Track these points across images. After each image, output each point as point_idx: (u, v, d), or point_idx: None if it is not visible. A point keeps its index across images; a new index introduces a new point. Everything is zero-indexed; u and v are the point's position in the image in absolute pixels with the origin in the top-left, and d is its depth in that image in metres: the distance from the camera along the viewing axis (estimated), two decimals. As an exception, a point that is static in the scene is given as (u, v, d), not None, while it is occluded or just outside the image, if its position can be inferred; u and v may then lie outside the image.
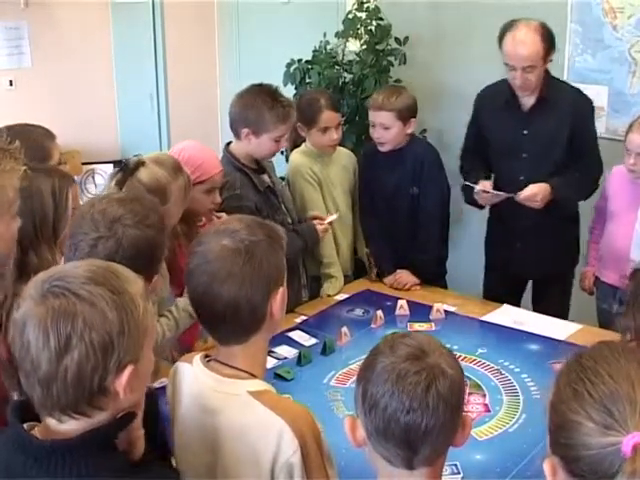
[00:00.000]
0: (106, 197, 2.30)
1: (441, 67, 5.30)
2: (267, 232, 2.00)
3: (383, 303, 3.83)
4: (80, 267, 1.60)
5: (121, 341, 1.52)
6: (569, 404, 1.37)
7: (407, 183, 4.07)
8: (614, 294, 3.91)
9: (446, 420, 1.56)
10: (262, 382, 2.01)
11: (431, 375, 1.56)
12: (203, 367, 2.03)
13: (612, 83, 4.62)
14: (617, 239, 3.90)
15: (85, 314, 1.49)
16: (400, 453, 1.59)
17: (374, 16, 5.16)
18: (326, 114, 4.00)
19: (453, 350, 3.25)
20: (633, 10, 4.46)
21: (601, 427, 1.31)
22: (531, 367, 3.20)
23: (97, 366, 1.50)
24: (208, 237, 1.99)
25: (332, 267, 4.08)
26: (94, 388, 1.51)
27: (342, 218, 4.13)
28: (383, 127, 3.98)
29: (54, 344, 1.48)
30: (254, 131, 3.68)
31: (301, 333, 3.53)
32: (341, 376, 3.17)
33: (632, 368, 1.37)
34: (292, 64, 5.28)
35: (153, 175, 2.99)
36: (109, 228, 2.16)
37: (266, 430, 1.88)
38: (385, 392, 1.57)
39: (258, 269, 1.93)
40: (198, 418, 1.99)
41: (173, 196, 3.02)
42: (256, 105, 3.67)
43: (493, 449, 2.70)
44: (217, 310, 1.93)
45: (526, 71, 3.74)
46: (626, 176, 3.84)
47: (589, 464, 1.32)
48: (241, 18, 6.51)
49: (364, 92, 5.05)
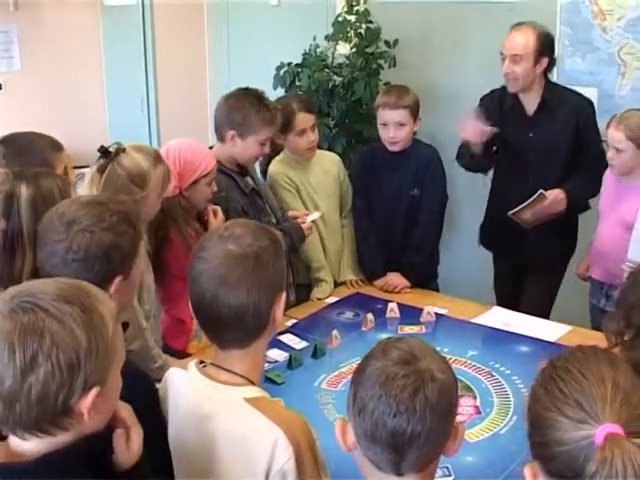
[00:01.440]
0: (74, 200, 2.28)
1: (430, 69, 5.30)
2: (270, 237, 2.01)
3: (373, 306, 3.82)
4: (51, 284, 1.58)
5: (88, 361, 1.50)
6: (542, 403, 1.39)
7: (409, 184, 4.08)
8: (601, 289, 3.96)
9: (434, 426, 1.55)
10: (258, 388, 2.01)
11: (420, 380, 1.55)
12: (198, 373, 2.02)
13: (601, 85, 4.63)
14: (602, 236, 3.95)
15: (53, 332, 1.47)
16: (387, 457, 1.58)
17: (364, 19, 5.16)
18: (300, 116, 3.99)
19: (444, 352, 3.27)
20: (622, 12, 4.47)
21: (574, 422, 1.33)
22: (522, 369, 3.20)
23: (62, 385, 1.47)
24: (212, 242, 1.98)
25: (321, 271, 4.08)
26: (58, 408, 1.49)
27: (328, 221, 4.14)
28: (399, 125, 3.99)
29: (20, 360, 1.45)
30: (240, 133, 3.69)
31: (292, 336, 3.52)
32: (332, 379, 3.16)
33: (602, 365, 1.40)
34: (282, 67, 5.28)
35: (134, 161, 3.02)
36: (65, 230, 2.15)
37: (261, 437, 1.87)
38: (373, 395, 1.56)
39: (265, 275, 1.93)
40: (193, 424, 1.98)
41: (152, 183, 3.05)
42: (243, 107, 3.69)
43: (484, 451, 2.70)
44: (223, 316, 1.93)
45: (513, 60, 3.90)
46: (611, 175, 3.91)
47: (565, 461, 1.33)
48: (231, 21, 6.51)
49: (354, 95, 5.06)
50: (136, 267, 2.28)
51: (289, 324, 3.63)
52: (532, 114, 4.05)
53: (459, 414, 2.85)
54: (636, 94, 4.49)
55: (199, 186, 3.43)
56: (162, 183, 3.11)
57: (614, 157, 3.76)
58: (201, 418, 1.96)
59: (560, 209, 3.92)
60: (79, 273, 2.06)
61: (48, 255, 2.18)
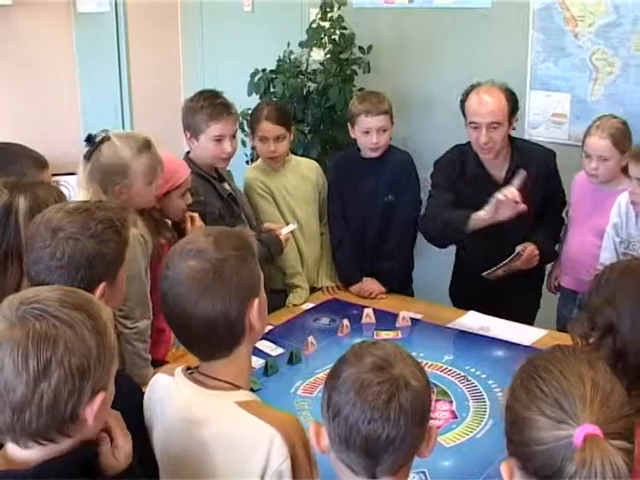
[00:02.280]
0: (61, 207, 2.29)
1: (405, 75, 5.31)
2: (236, 244, 1.99)
3: (349, 312, 3.83)
4: (53, 290, 1.58)
5: (97, 367, 1.51)
6: (522, 402, 1.41)
7: (383, 190, 4.09)
8: (574, 299, 3.95)
9: (408, 432, 1.56)
10: (247, 392, 2.01)
11: (394, 386, 1.56)
12: (186, 379, 2.02)
13: (574, 90, 4.65)
14: (575, 245, 3.95)
15: (66, 338, 1.47)
16: (362, 462, 1.59)
17: (338, 25, 5.16)
18: (263, 124, 3.99)
19: (419, 357, 3.29)
20: (593, 18, 4.49)
21: (553, 421, 1.35)
22: (497, 373, 3.21)
23: (73, 392, 1.48)
24: (175, 259, 1.97)
25: (296, 277, 4.08)
26: (67, 415, 1.49)
27: (305, 228, 4.14)
28: (381, 131, 3.99)
29: (33, 368, 1.45)
30: (192, 134, 3.73)
31: (267, 343, 3.50)
32: (308, 385, 3.16)
33: (582, 366, 1.42)
34: (256, 74, 5.27)
35: (113, 150, 3.05)
36: (50, 237, 2.16)
37: (256, 439, 1.87)
38: (348, 401, 1.57)
39: (228, 285, 1.92)
40: (183, 430, 1.97)
41: (134, 173, 3.06)
42: (191, 108, 3.72)
43: (461, 455, 2.71)
44: (194, 330, 1.92)
45: (491, 128, 3.72)
46: (587, 183, 3.88)
47: (542, 460, 1.35)
48: (205, 29, 6.49)
49: (328, 101, 5.05)
50: (121, 273, 2.29)
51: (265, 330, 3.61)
52: (502, 180, 3.84)
53: (435, 418, 2.90)
54: (608, 99, 4.51)
55: (171, 198, 3.41)
56: (150, 171, 3.11)
57: (598, 167, 3.72)
58: (191, 423, 1.95)
59: (534, 264, 3.81)
60: (63, 280, 2.10)
61: (33, 261, 2.19)
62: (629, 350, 1.91)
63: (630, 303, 1.97)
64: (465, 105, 3.81)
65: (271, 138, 4.00)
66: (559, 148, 4.11)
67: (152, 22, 6.58)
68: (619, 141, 3.67)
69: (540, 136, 4.60)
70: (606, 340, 1.97)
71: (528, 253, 3.75)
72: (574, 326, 2.11)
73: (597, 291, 2.06)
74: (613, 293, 2.01)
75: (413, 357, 1.68)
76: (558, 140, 4.63)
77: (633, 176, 3.43)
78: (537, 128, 4.55)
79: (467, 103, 3.80)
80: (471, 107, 3.77)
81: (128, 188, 3.06)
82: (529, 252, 3.76)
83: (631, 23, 4.37)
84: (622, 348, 1.93)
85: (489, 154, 3.82)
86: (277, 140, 4.01)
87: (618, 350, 1.93)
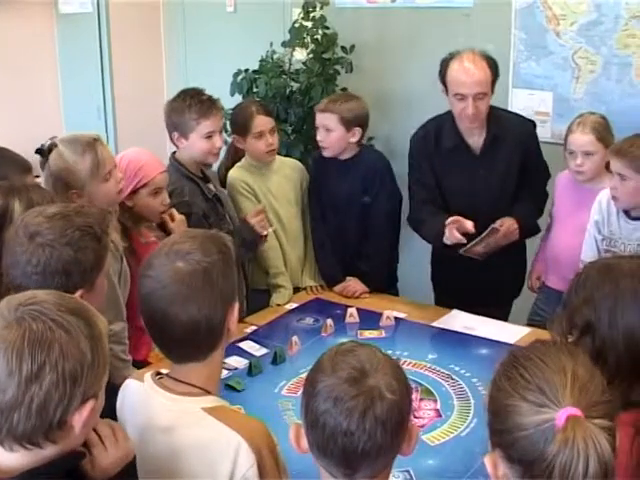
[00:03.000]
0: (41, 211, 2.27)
1: (387, 75, 5.31)
2: (219, 249, 1.99)
3: (333, 311, 3.82)
4: (50, 294, 1.58)
5: (89, 374, 1.50)
6: (504, 390, 1.43)
7: (359, 192, 4.06)
8: (559, 298, 3.94)
9: (385, 442, 1.56)
10: (216, 398, 2.00)
11: (369, 399, 1.55)
12: (154, 385, 2.01)
13: (556, 89, 4.67)
14: (559, 244, 3.95)
15: (62, 342, 1.47)
16: (341, 470, 1.60)
17: (320, 25, 5.17)
18: (258, 119, 3.99)
19: (403, 357, 3.29)
20: (575, 17, 4.51)
21: (535, 406, 1.37)
22: (482, 371, 3.20)
23: (63, 397, 1.47)
24: (160, 259, 1.96)
25: (279, 277, 4.06)
26: (55, 420, 1.48)
27: (288, 228, 4.14)
28: (326, 129, 3.97)
29: (27, 369, 1.44)
30: (182, 133, 3.71)
31: (251, 343, 3.50)
32: (292, 385, 3.15)
33: (562, 355, 1.45)
34: (239, 74, 5.27)
35: (58, 157, 3.04)
36: (27, 243, 2.15)
37: (223, 446, 1.87)
38: (324, 412, 1.57)
39: (216, 290, 1.92)
40: (152, 436, 1.97)
41: (82, 174, 3.03)
42: (178, 107, 3.70)
43: (445, 454, 2.71)
44: (175, 334, 1.92)
45: (478, 99, 3.65)
46: (570, 181, 3.89)
47: (525, 446, 1.36)
48: (188, 28, 6.48)
49: (311, 101, 5.05)
50: (100, 279, 2.28)
51: (248, 331, 3.62)
52: (480, 151, 3.84)
53: (420, 417, 2.89)
54: (590, 97, 4.53)
55: (140, 196, 3.38)
56: (97, 168, 3.05)
57: (583, 163, 3.72)
58: (160, 430, 1.96)
59: (513, 239, 3.77)
60: (39, 285, 2.07)
61: (11, 265, 2.19)
62: (607, 349, 1.92)
63: (608, 302, 1.97)
64: (447, 76, 3.72)
65: (267, 131, 3.99)
66: (542, 146, 4.11)
67: (134, 23, 6.56)
68: (602, 135, 3.68)
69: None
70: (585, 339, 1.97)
71: (506, 227, 3.69)
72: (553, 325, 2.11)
73: (576, 290, 2.07)
74: (591, 292, 2.01)
75: (391, 360, 1.67)
76: (541, 138, 4.60)
77: (614, 171, 3.45)
78: (520, 127, 4.55)
79: (449, 74, 3.70)
80: (455, 78, 3.67)
81: (81, 190, 3.02)
82: (507, 227, 3.70)
83: (612, 22, 4.39)
84: (600, 347, 1.93)
85: (474, 123, 3.76)
86: (272, 133, 4.02)
87: (597, 349, 1.93)
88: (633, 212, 3.51)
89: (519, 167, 3.86)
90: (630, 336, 1.92)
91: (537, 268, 4.19)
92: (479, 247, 3.72)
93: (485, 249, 3.73)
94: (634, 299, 1.95)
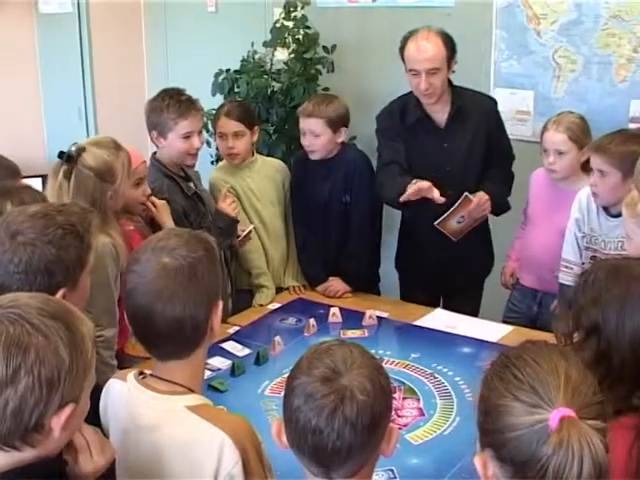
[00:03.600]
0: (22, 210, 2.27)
1: (369, 74, 5.31)
2: (205, 246, 1.99)
3: (315, 311, 3.83)
4: (34, 297, 1.57)
5: (67, 379, 1.49)
6: (496, 390, 1.42)
7: (339, 191, 4.06)
8: (534, 297, 3.97)
9: (356, 442, 1.56)
10: (199, 396, 2.00)
11: (338, 399, 1.55)
12: (137, 384, 2.01)
13: (537, 88, 4.68)
14: (534, 244, 3.97)
15: (39, 347, 1.46)
16: (315, 469, 1.61)
17: (301, 25, 5.16)
18: (222, 120, 4.00)
19: (386, 356, 3.29)
20: (556, 16, 4.53)
21: (527, 406, 1.37)
22: (464, 370, 3.22)
23: (39, 401, 1.47)
24: (145, 255, 1.96)
25: (261, 277, 4.07)
26: (31, 424, 1.48)
27: (270, 229, 4.14)
28: (313, 135, 3.97)
29: (1, 373, 1.44)
30: (160, 133, 3.71)
31: (234, 343, 3.50)
32: (275, 385, 3.15)
33: (554, 356, 1.45)
34: (220, 74, 5.26)
35: (99, 157, 3.03)
36: (9, 241, 2.15)
37: (207, 443, 1.87)
38: (297, 408, 1.58)
39: (201, 287, 1.93)
40: (137, 436, 1.97)
41: (119, 173, 3.06)
42: (157, 107, 3.70)
43: (429, 453, 2.71)
44: (160, 330, 1.91)
45: (430, 74, 3.72)
46: (545, 180, 3.92)
47: (517, 446, 1.36)
48: (169, 28, 6.47)
49: (293, 101, 5.05)
50: (84, 278, 2.27)
51: (231, 331, 3.62)
52: (444, 124, 3.90)
53: (403, 416, 2.90)
54: (571, 96, 4.54)
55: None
56: (127, 169, 3.12)
57: (555, 161, 3.75)
58: (143, 429, 1.95)
59: (486, 212, 3.82)
60: (22, 284, 2.09)
61: None
62: (613, 351, 1.91)
63: (616, 304, 1.96)
64: (404, 52, 3.83)
65: (229, 134, 3.98)
66: (523, 145, 4.13)
67: (115, 23, 6.53)
68: (576, 135, 3.70)
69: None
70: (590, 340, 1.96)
71: (478, 198, 3.74)
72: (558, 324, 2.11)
73: (583, 290, 2.05)
74: (599, 293, 2.00)
75: (371, 360, 1.66)
76: (522, 137, 4.66)
77: (594, 168, 3.47)
78: (501, 125, 4.56)
79: (405, 50, 3.81)
80: (410, 54, 3.78)
81: (116, 193, 3.07)
82: (479, 197, 3.75)
83: (592, 21, 4.41)
84: (606, 349, 1.92)
85: (430, 99, 3.83)
86: (235, 137, 3.99)
87: (602, 351, 1.92)
88: (613, 209, 3.52)
89: (484, 143, 3.92)
90: (637, 339, 1.91)
91: (511, 265, 4.20)
92: (453, 221, 3.78)
93: (459, 226, 3.80)
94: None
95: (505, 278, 4.22)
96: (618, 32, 4.35)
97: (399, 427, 2.77)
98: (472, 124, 3.89)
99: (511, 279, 4.18)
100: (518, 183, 4.04)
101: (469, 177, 3.86)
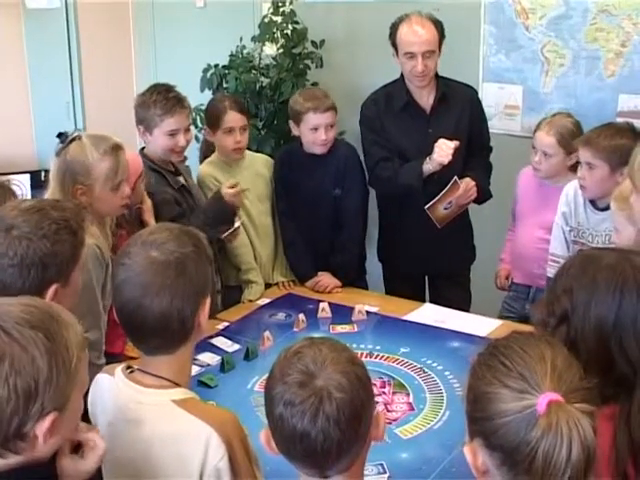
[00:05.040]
0: (16, 204, 2.27)
1: (357, 69, 5.31)
2: (195, 242, 1.99)
3: (305, 306, 3.82)
4: (18, 306, 1.56)
5: (47, 389, 1.48)
6: (484, 379, 1.43)
7: (330, 185, 4.07)
8: (527, 294, 3.99)
9: (343, 438, 1.56)
10: (186, 390, 2.00)
11: (317, 400, 1.55)
12: (125, 378, 2.01)
13: (526, 82, 4.69)
14: (523, 241, 4.00)
15: (14, 357, 1.45)
16: (309, 470, 1.62)
17: (290, 20, 5.16)
18: (230, 115, 3.97)
19: (375, 350, 3.29)
20: (544, 11, 4.53)
21: (516, 392, 1.38)
22: (454, 364, 3.22)
23: (16, 411, 1.46)
24: (135, 248, 1.95)
25: (250, 273, 4.06)
26: (11, 432, 1.47)
27: (258, 224, 4.13)
28: (330, 126, 3.98)
29: None
30: (146, 128, 3.70)
31: (223, 339, 3.50)
32: (265, 381, 3.13)
33: (541, 344, 1.47)
34: (209, 69, 5.25)
35: (81, 150, 3.00)
36: (3, 236, 2.15)
37: (193, 437, 1.87)
38: (279, 417, 1.58)
39: (189, 282, 1.92)
40: (124, 430, 1.96)
41: (95, 175, 2.99)
42: (144, 102, 3.69)
43: (418, 447, 2.72)
44: (147, 324, 1.91)
45: (426, 57, 3.83)
46: (532, 178, 3.94)
47: (506, 432, 1.37)
48: (157, 23, 6.45)
49: (281, 96, 5.05)
50: (76, 274, 2.27)
51: (220, 327, 3.61)
52: (429, 110, 4.00)
53: (392, 411, 2.90)
54: (560, 91, 4.55)
55: None
56: (111, 176, 3.02)
57: (541, 161, 3.79)
58: (130, 423, 1.95)
59: (472, 198, 3.91)
60: (14, 279, 2.10)
61: None
62: (579, 340, 1.92)
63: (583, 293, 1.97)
64: (396, 38, 3.91)
65: (237, 128, 3.98)
66: (512, 140, 4.13)
67: (103, 18, 6.52)
68: (565, 141, 3.72)
69: (493, 128, 4.60)
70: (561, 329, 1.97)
71: (465, 183, 3.86)
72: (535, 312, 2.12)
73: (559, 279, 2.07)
74: (571, 282, 2.01)
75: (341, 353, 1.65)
76: (511, 132, 4.67)
77: (582, 161, 3.49)
78: (490, 120, 4.55)
79: (398, 35, 3.90)
80: (405, 38, 3.87)
81: (89, 190, 3.00)
82: (466, 182, 3.87)
83: (581, 16, 4.42)
84: (574, 338, 1.94)
85: (424, 81, 3.93)
86: (242, 130, 4.00)
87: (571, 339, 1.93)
88: (600, 203, 3.54)
89: (467, 128, 4.01)
90: (600, 329, 1.92)
91: (505, 267, 4.22)
92: (441, 206, 3.86)
93: (446, 211, 3.89)
94: (608, 293, 1.95)
95: (500, 281, 4.23)
96: (606, 27, 4.36)
97: (389, 422, 2.77)
98: (457, 110, 4.00)
99: (506, 281, 4.19)
100: (507, 178, 4.06)
101: (454, 163, 3.86)
